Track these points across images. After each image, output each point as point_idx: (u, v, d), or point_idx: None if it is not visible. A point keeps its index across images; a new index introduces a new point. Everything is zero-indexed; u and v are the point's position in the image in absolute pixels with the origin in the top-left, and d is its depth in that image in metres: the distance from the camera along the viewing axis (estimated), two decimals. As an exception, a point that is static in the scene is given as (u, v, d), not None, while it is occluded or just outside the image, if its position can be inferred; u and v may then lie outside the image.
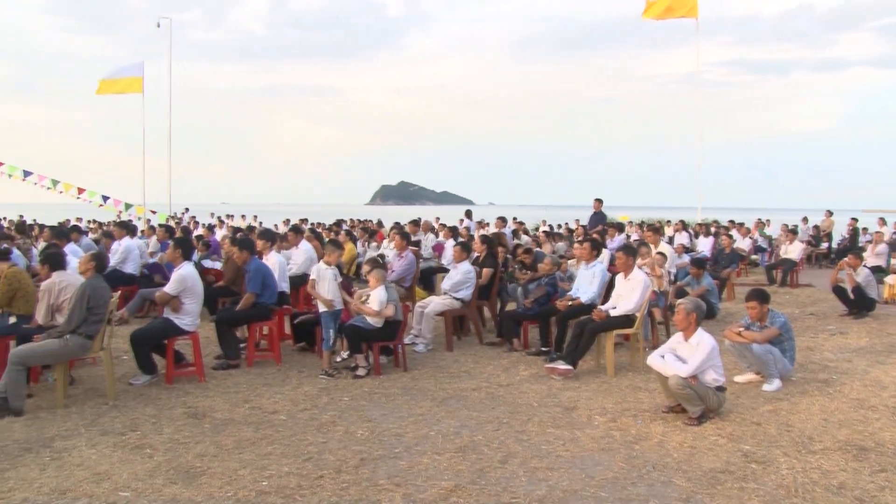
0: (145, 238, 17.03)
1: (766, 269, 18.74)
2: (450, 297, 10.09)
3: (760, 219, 27.32)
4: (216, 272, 12.67)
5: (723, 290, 14.62)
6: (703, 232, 21.48)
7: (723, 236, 18.54)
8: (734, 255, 16.86)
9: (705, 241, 20.35)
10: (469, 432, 6.34)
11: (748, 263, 20.77)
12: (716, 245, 19.22)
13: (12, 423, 6.58)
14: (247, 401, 7.33)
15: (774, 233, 23.98)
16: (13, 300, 8.01)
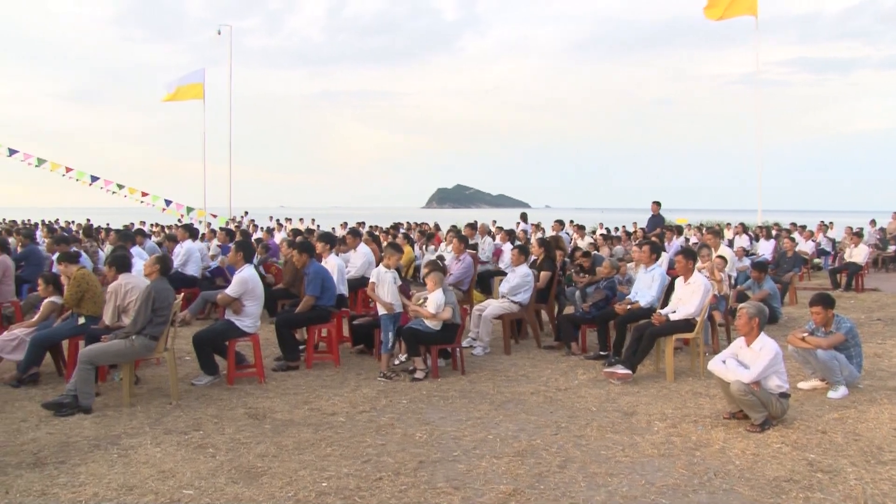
0: (206, 241, 17.34)
1: (830, 273, 18.28)
2: (508, 300, 10.06)
3: (823, 221, 26.70)
4: (276, 269, 12.86)
5: (785, 294, 14.32)
6: (764, 235, 21.07)
7: (784, 239, 18.16)
8: (796, 258, 16.50)
9: (766, 245, 19.96)
10: (527, 436, 6.32)
11: (811, 267, 20.31)
12: (777, 248, 18.83)
13: (82, 420, 6.77)
14: (306, 402, 7.41)
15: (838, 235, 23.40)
16: (82, 301, 8.22)
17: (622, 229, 27.57)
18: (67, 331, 8.24)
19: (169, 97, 26.46)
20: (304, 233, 18.73)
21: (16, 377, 8.05)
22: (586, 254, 12.18)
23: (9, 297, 11.19)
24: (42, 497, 5.02)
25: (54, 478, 5.37)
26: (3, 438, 6.26)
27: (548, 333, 11.00)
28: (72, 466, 5.59)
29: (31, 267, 12.70)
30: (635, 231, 24.72)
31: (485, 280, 14.18)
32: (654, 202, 20.02)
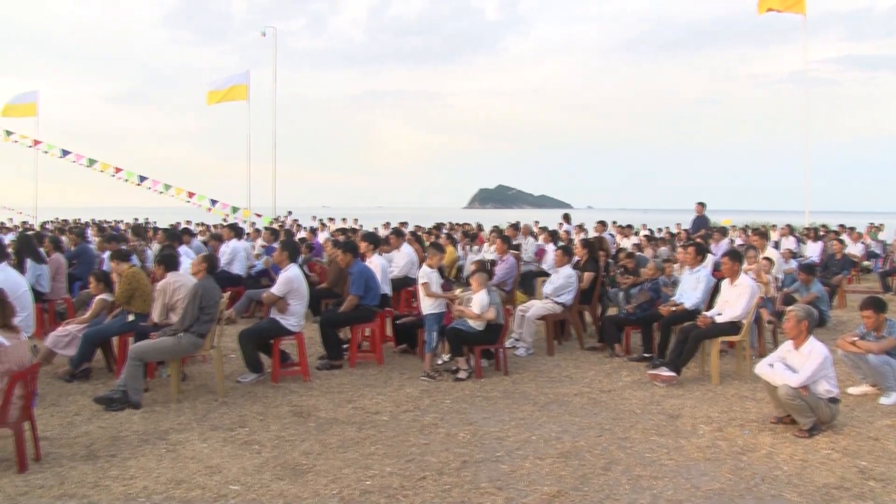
0: (250, 240, 17.53)
1: (881, 276, 17.89)
2: (551, 301, 10.03)
3: (873, 223, 26.15)
4: (320, 267, 12.97)
5: (833, 297, 14.05)
6: (812, 236, 20.71)
7: (833, 241, 17.83)
8: (845, 260, 16.19)
9: (813, 247, 19.61)
10: (571, 438, 6.29)
11: (860, 270, 19.90)
12: (825, 250, 18.49)
13: (132, 415, 6.91)
14: (350, 401, 7.47)
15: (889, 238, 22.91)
16: (132, 299, 8.38)
17: (665, 230, 27.30)
18: (117, 327, 8.40)
19: (214, 99, 26.80)
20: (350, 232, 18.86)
21: (68, 372, 8.24)
22: (630, 255, 12.10)
23: (61, 294, 11.45)
24: (95, 489, 5.14)
25: (106, 470, 5.48)
26: (57, 431, 6.42)
27: (591, 335, 10.94)
28: (122, 460, 5.71)
29: (82, 265, 12.97)
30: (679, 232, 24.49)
31: (527, 281, 14.15)
32: (698, 203, 19.80)
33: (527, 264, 15.34)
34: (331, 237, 17.31)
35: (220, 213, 25.30)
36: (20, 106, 30.28)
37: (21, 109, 30.21)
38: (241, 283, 13.04)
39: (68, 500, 4.94)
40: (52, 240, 12.58)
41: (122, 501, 4.93)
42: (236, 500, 4.97)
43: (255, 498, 5.01)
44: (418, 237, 16.31)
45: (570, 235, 20.80)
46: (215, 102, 26.82)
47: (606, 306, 11.55)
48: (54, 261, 11.40)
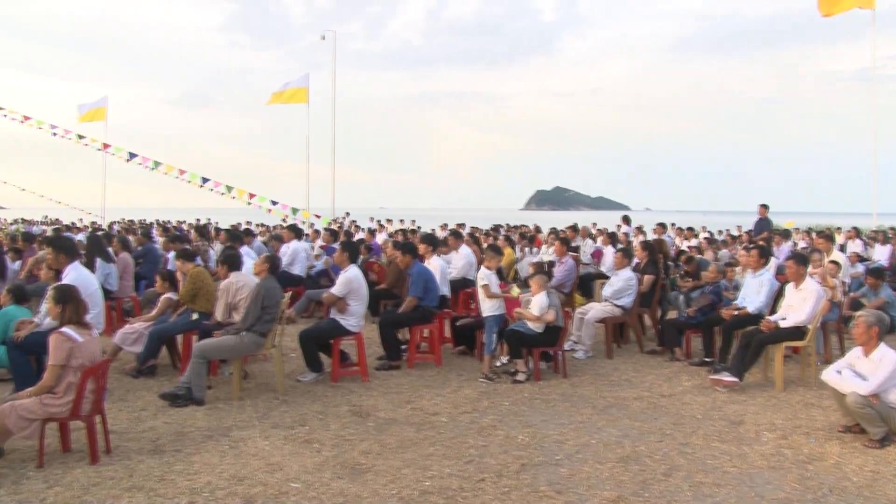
0: (309, 241, 17.73)
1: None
2: (610, 303, 9.95)
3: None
4: (378, 267, 13.06)
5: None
6: (879, 239, 20.11)
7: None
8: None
9: (882, 250, 19.04)
10: (631, 442, 6.23)
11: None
12: (893, 254, 17.95)
13: (195, 411, 7.06)
14: (408, 401, 7.50)
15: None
16: (196, 298, 8.56)
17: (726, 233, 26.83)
18: (182, 326, 8.59)
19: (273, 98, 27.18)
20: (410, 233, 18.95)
21: (135, 368, 8.46)
22: (690, 258, 11.92)
23: (128, 293, 11.75)
24: (161, 482, 5.26)
25: (171, 465, 5.61)
26: (125, 425, 6.59)
27: (650, 338, 10.82)
28: (187, 455, 5.83)
29: (148, 264, 13.28)
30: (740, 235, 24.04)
31: (585, 283, 14.05)
32: (761, 205, 19.42)
33: (585, 266, 15.24)
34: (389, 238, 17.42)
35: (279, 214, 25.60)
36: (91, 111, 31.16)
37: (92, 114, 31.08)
38: (300, 283, 13.21)
39: (136, 493, 5.07)
40: (121, 240, 12.91)
41: (187, 496, 5.03)
42: (297, 498, 5.03)
43: (316, 496, 5.06)
44: (476, 239, 16.32)
45: (629, 238, 20.61)
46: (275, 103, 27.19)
47: (666, 309, 11.40)
48: (122, 260, 11.70)
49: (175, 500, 4.96)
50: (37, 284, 9.65)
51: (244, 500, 4.99)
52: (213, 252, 14.36)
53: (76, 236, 20.57)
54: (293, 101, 27.25)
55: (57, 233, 21.16)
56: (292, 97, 27.13)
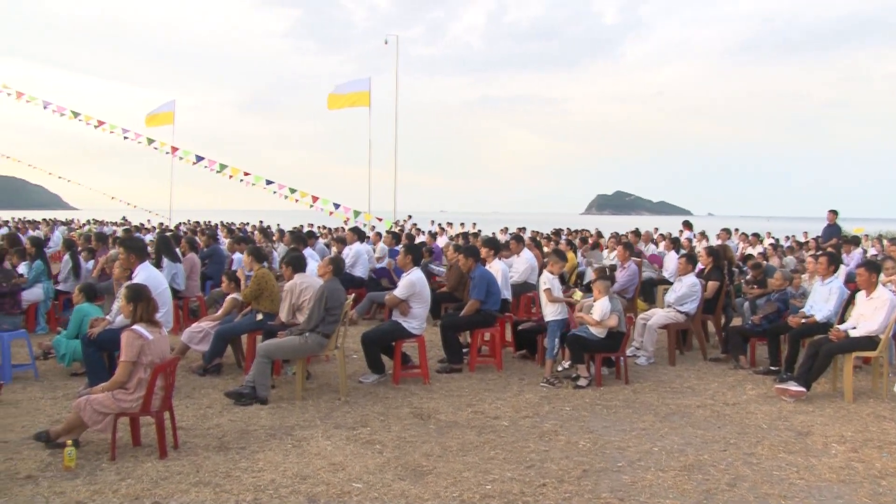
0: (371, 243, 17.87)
1: None
2: (674, 309, 9.82)
3: None
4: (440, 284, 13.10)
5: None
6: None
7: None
8: None
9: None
10: (694, 451, 6.13)
11: None
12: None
13: (259, 410, 7.17)
14: (469, 405, 7.51)
15: None
16: (260, 299, 8.71)
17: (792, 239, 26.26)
18: (247, 326, 8.75)
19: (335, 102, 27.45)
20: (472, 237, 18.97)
21: (201, 366, 8.64)
22: (757, 264, 11.69)
23: (195, 293, 12.00)
24: (227, 478, 5.36)
25: (236, 462, 5.72)
26: (192, 422, 6.74)
27: (714, 345, 10.65)
28: (251, 452, 5.93)
29: (214, 265, 13.55)
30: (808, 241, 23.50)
31: (648, 288, 13.89)
32: (830, 211, 18.95)
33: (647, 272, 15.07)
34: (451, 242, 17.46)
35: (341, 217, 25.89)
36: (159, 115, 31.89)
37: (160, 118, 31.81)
38: (363, 285, 13.32)
39: (203, 488, 5.17)
40: (189, 240, 13.20)
41: (252, 492, 5.11)
42: (359, 498, 5.07)
43: (378, 497, 5.10)
44: (537, 243, 16.25)
45: (691, 243, 20.32)
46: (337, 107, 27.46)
47: (731, 316, 11.20)
48: (189, 260, 11.96)
49: (240, 496, 5.05)
50: (108, 282, 9.93)
51: (307, 498, 5.05)
52: (277, 253, 14.58)
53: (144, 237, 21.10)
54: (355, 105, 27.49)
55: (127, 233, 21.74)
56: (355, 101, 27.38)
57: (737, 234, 24.88)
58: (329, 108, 27.48)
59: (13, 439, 6.22)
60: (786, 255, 17.50)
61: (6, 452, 5.85)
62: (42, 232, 29.40)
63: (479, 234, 21.98)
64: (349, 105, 27.39)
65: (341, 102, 27.40)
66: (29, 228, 30.98)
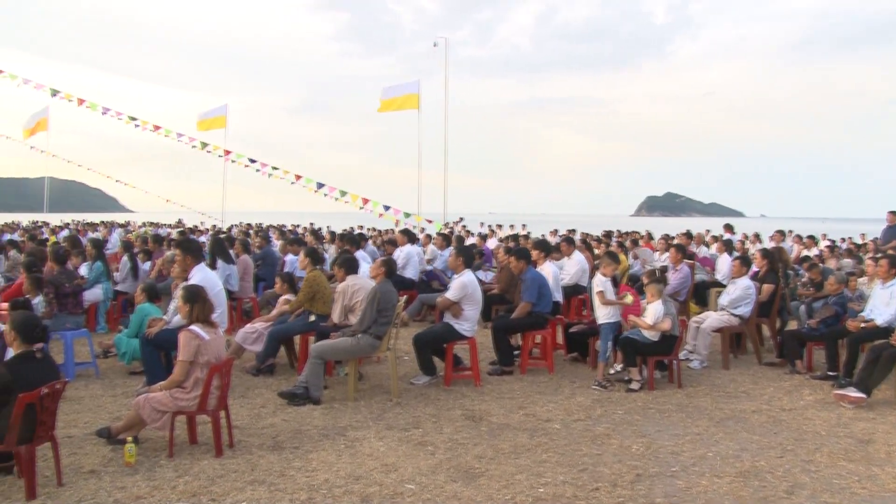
0: (421, 245, 17.92)
1: None
2: (727, 312, 9.68)
3: None
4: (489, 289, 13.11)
5: None
6: None
7: None
8: None
9: None
10: (750, 456, 6.03)
11: None
12: None
13: (312, 410, 7.25)
14: (521, 407, 7.49)
15: None
16: (313, 301, 8.80)
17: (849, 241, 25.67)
18: (300, 327, 8.84)
19: (384, 105, 27.61)
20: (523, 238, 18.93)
21: (255, 367, 8.76)
22: (814, 265, 11.46)
23: (248, 294, 12.17)
24: (281, 477, 5.43)
25: (290, 461, 5.79)
26: (246, 421, 6.84)
27: (769, 349, 10.45)
28: (304, 452, 6.00)
29: (266, 266, 13.73)
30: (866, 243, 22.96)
31: (700, 291, 13.70)
32: (890, 212, 18.46)
33: (699, 274, 14.87)
34: (501, 244, 17.44)
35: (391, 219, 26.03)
36: (212, 119, 32.40)
37: (213, 122, 32.32)
38: (413, 286, 13.37)
39: (258, 486, 5.25)
40: (242, 242, 13.40)
41: (306, 492, 5.17)
42: (412, 499, 5.09)
43: (430, 498, 5.12)
44: (588, 245, 16.15)
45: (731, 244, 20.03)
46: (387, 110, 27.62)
47: (786, 320, 11.00)
48: (243, 262, 12.14)
49: (294, 495, 5.11)
50: (165, 283, 10.12)
51: (361, 498, 5.09)
52: (328, 255, 14.70)
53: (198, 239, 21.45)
54: (405, 108, 27.63)
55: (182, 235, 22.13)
56: (404, 104, 27.52)
57: (791, 235, 24.43)
58: (379, 111, 27.67)
59: (77, 435, 6.40)
60: (843, 257, 17.08)
61: (71, 447, 6.02)
62: (101, 234, 30.08)
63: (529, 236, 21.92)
64: (399, 108, 27.55)
65: (391, 105, 27.57)
66: (88, 230, 31.76)
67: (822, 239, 26.49)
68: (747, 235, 28.36)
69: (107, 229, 33.68)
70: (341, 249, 12.18)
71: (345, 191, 25.82)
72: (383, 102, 27.72)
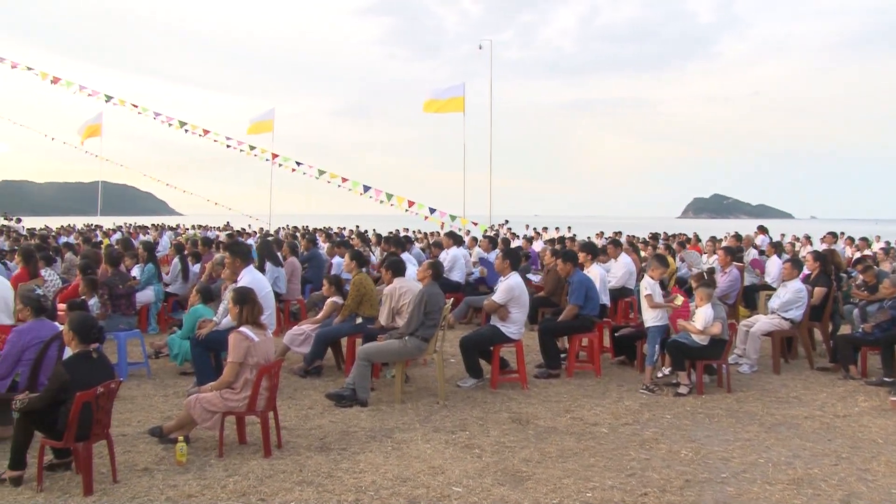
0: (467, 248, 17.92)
1: None
2: (778, 316, 9.51)
3: None
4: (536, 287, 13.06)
5: None
6: None
7: None
8: None
9: None
10: (803, 464, 5.92)
11: None
12: None
13: (359, 412, 7.30)
14: (568, 411, 7.46)
15: None
16: (360, 303, 8.85)
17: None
18: (347, 329, 8.90)
19: (429, 107, 27.68)
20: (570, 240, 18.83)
21: (302, 368, 8.84)
22: (869, 266, 11.21)
23: (296, 296, 12.29)
24: (329, 479, 5.47)
25: (338, 462, 5.83)
26: (294, 422, 6.91)
27: (821, 354, 10.27)
28: (352, 454, 6.04)
29: (313, 269, 13.85)
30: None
31: (749, 294, 13.50)
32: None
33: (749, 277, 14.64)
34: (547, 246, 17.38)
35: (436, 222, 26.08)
36: (260, 123, 32.78)
37: (260, 126, 32.69)
38: (460, 289, 13.37)
39: (306, 487, 5.30)
40: (290, 245, 13.53)
41: (354, 493, 5.20)
42: (458, 502, 5.09)
43: (477, 501, 5.11)
44: (635, 247, 16.01)
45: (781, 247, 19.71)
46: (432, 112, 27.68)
47: (839, 324, 10.77)
48: (290, 264, 12.26)
49: (342, 496, 5.14)
50: (214, 285, 10.27)
51: (408, 500, 5.10)
52: (374, 258, 14.77)
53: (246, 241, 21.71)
54: (450, 111, 27.67)
55: (230, 238, 22.42)
56: (449, 106, 27.56)
57: (843, 237, 23.95)
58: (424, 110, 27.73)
59: (130, 433, 6.54)
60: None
61: (124, 445, 6.15)
62: (151, 237, 30.64)
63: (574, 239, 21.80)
64: (444, 110, 27.60)
65: (437, 107, 27.64)
66: (140, 233, 32.36)
67: (876, 241, 25.91)
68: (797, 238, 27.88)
69: (157, 232, 34.28)
70: (387, 252, 12.23)
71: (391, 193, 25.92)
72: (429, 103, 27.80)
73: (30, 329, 6.14)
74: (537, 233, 30.07)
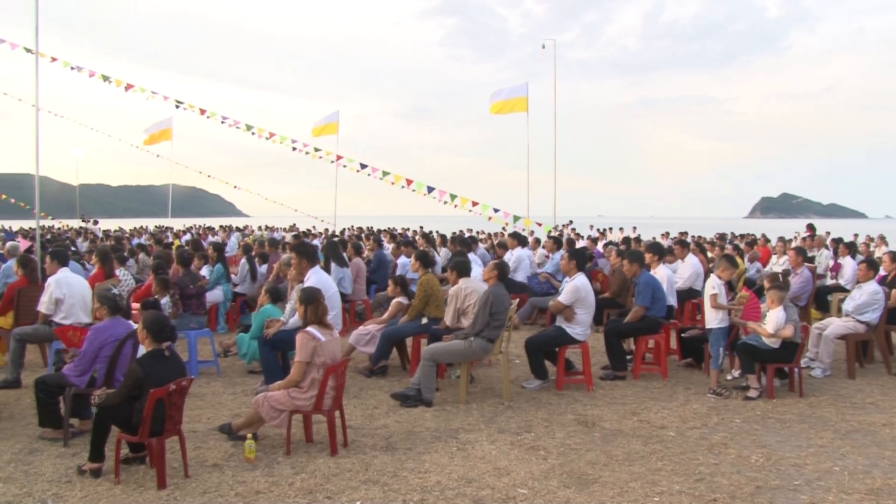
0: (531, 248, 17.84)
1: None
2: (853, 319, 9.24)
3: None
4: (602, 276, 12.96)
5: None
6: None
7: None
8: None
9: None
10: (882, 473, 5.72)
11: None
12: None
13: (424, 412, 7.33)
14: (634, 413, 7.37)
15: None
16: (426, 304, 8.89)
17: None
18: (412, 329, 8.95)
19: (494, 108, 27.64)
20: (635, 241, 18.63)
21: (367, 368, 8.93)
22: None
23: (361, 296, 12.40)
24: (394, 478, 5.51)
25: (403, 462, 5.86)
26: (360, 422, 6.98)
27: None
28: (417, 454, 6.06)
29: (379, 269, 13.96)
30: None
31: (821, 296, 13.16)
32: None
33: (821, 278, 14.28)
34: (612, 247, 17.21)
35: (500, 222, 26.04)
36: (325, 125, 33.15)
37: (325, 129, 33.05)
38: (524, 290, 13.34)
39: (372, 486, 5.34)
40: (355, 246, 13.68)
41: (419, 493, 5.22)
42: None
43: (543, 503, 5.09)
44: (702, 247, 15.75)
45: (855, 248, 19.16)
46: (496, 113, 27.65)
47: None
48: (355, 265, 12.38)
49: (407, 496, 5.17)
50: (282, 285, 10.43)
51: (473, 501, 5.10)
52: (439, 258, 14.81)
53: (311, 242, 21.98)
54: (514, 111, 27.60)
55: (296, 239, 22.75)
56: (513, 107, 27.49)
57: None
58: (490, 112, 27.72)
59: (200, 430, 6.69)
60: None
61: (195, 441, 6.30)
62: (219, 238, 31.27)
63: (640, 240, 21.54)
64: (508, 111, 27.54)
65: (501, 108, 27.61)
66: (208, 234, 33.05)
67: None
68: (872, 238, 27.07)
69: (225, 233, 34.96)
70: (454, 252, 12.26)
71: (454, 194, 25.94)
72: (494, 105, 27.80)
73: (106, 327, 6.35)
74: (601, 233, 29.80)
